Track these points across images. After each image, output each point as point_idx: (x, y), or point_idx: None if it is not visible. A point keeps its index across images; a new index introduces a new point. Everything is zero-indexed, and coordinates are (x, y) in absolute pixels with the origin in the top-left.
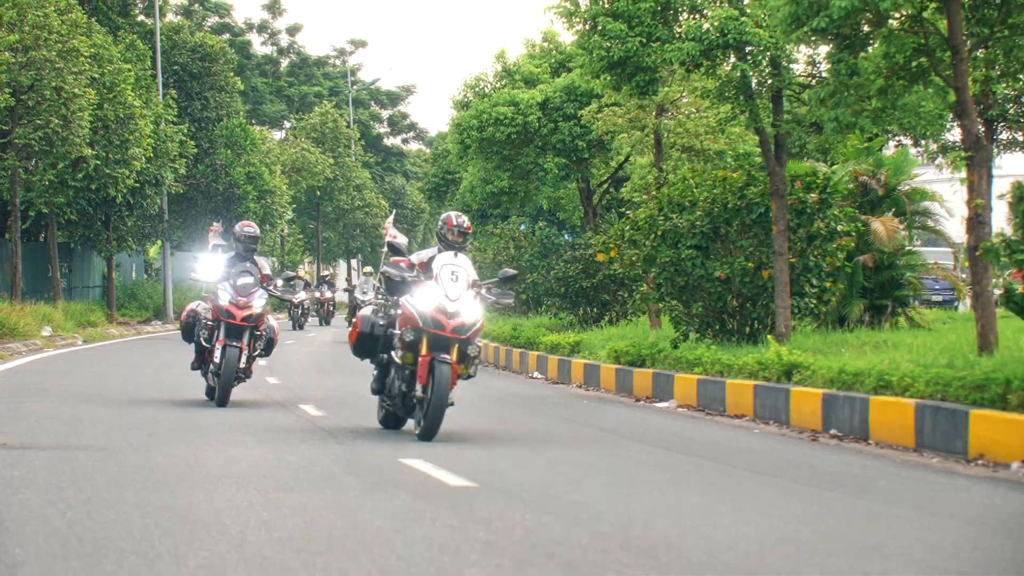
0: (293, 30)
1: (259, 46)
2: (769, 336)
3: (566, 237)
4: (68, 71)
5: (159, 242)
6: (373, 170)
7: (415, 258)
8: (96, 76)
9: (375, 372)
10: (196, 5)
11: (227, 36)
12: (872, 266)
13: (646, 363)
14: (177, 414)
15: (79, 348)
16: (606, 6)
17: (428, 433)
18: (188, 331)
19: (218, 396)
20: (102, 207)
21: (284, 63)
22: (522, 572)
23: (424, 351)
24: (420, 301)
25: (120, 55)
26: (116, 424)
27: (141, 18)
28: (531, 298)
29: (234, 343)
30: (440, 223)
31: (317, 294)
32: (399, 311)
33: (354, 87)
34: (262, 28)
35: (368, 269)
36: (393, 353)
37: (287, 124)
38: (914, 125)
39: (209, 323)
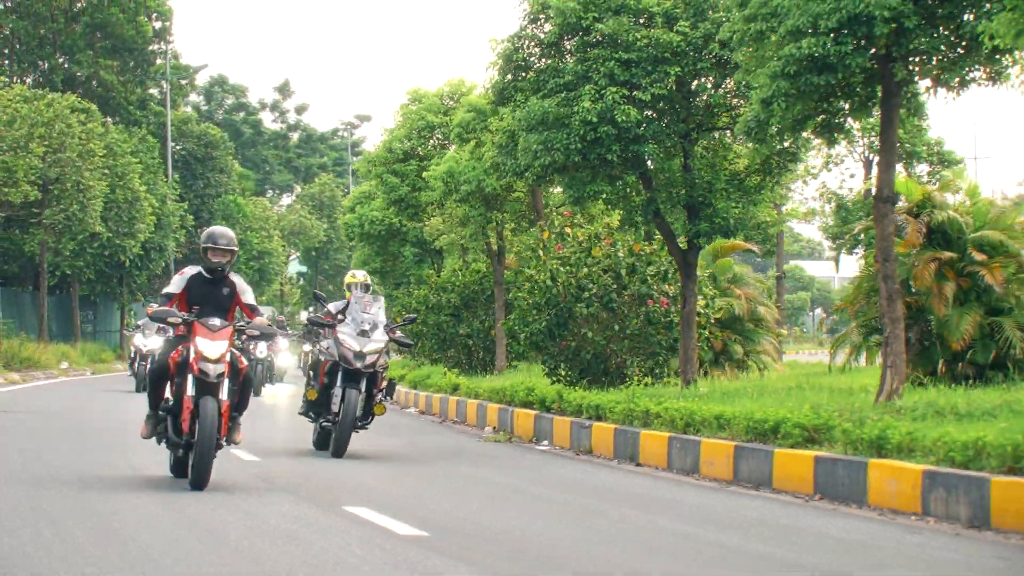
0: (300, 109)
1: (270, 123)
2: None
3: None
4: (85, 168)
5: None
6: None
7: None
8: (108, 168)
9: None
10: (216, 87)
11: (243, 114)
12: None
13: (417, 387)
14: (105, 402)
15: (86, 377)
16: (390, 167)
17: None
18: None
19: None
20: (115, 269)
21: (294, 137)
22: None
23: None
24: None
25: (133, 146)
26: (73, 405)
27: (159, 108)
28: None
29: None
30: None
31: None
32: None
33: (357, 159)
34: (274, 107)
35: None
36: None
37: (297, 191)
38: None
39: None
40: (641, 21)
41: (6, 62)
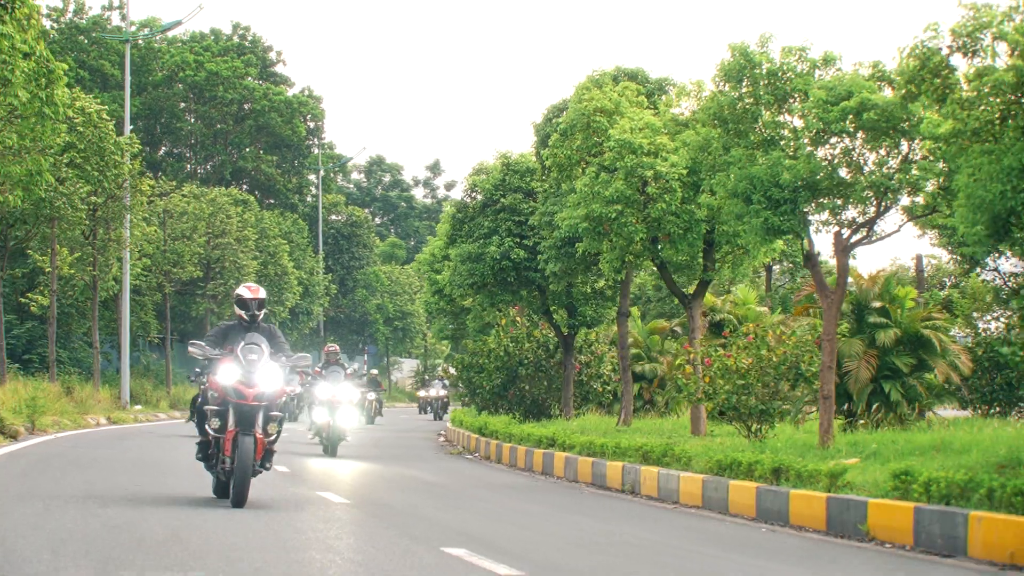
0: (449, 186)
1: (422, 197)
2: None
3: None
4: (240, 250)
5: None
6: None
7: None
8: (261, 249)
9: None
10: (374, 166)
11: (397, 191)
12: None
13: (461, 425)
14: None
15: None
16: (432, 267)
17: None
18: None
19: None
20: None
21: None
22: None
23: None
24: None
25: (286, 228)
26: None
27: (315, 192)
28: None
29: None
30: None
31: None
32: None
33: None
34: (426, 184)
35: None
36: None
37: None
38: None
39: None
40: (529, 197)
41: (188, 152)
